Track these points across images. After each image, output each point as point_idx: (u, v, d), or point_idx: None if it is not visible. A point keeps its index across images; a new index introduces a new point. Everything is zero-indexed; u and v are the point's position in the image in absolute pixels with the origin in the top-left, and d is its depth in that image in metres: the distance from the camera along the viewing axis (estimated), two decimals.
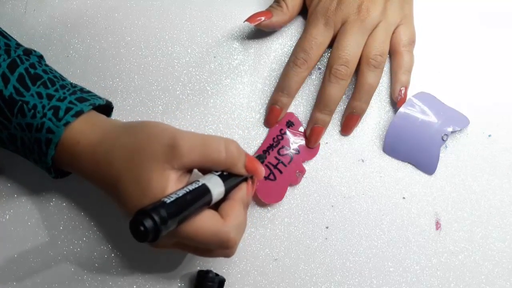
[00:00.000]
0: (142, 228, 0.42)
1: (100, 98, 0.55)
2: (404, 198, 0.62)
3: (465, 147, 0.64)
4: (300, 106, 0.64)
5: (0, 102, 0.52)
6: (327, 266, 0.60)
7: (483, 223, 0.61)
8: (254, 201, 0.61)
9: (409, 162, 0.63)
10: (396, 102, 0.64)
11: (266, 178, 0.61)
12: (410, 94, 0.64)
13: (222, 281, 0.57)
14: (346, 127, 0.63)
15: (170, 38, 0.66)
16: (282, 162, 0.61)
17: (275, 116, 0.63)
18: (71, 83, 0.55)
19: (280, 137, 0.62)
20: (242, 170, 0.52)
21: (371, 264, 0.60)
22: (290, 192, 0.62)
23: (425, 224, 0.61)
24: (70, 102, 0.53)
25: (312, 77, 0.65)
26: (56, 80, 0.54)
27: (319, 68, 0.65)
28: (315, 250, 0.60)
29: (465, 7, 0.68)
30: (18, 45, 0.55)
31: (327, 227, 0.61)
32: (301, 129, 0.63)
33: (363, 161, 0.63)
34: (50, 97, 0.53)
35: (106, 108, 0.57)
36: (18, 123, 0.52)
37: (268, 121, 0.63)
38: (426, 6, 0.67)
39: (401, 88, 0.63)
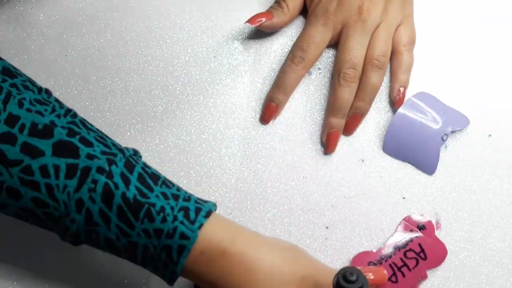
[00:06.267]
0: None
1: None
2: (404, 198, 0.62)
3: (465, 147, 0.64)
4: (300, 106, 0.64)
5: (123, 206, 0.46)
6: None
7: (483, 223, 0.62)
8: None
9: (409, 162, 0.63)
10: (394, 102, 0.64)
11: (388, 279, 0.58)
12: (410, 94, 0.64)
13: None
14: (349, 127, 0.63)
15: (170, 38, 0.65)
16: (407, 265, 0.59)
17: (270, 112, 0.63)
18: None
19: (409, 240, 0.60)
20: None
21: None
22: (290, 192, 0.62)
23: None
24: (196, 202, 0.49)
25: (312, 77, 0.65)
26: (170, 181, 0.50)
27: (319, 68, 0.65)
28: (315, 250, 0.60)
29: (465, 7, 0.68)
30: (119, 146, 0.51)
31: (327, 227, 0.61)
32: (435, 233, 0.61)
33: (363, 161, 0.63)
34: (176, 197, 0.48)
35: None
36: (143, 229, 0.46)
37: (264, 118, 0.63)
38: (426, 6, 0.67)
39: (400, 88, 0.63)
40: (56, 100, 0.51)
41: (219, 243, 0.48)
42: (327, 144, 0.62)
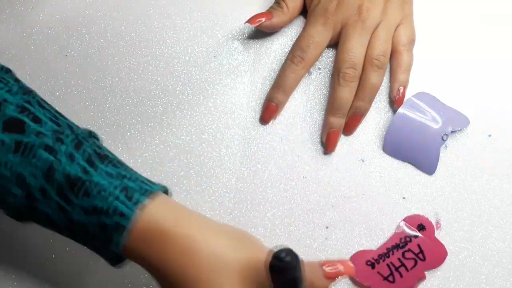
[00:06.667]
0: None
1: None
2: (404, 198, 0.62)
3: (465, 147, 0.64)
4: (300, 106, 0.64)
5: (62, 183, 0.46)
6: None
7: (483, 223, 0.62)
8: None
9: (409, 162, 0.63)
10: (394, 101, 0.64)
11: (385, 278, 0.59)
12: (410, 94, 0.64)
13: None
14: (349, 127, 0.63)
15: (170, 38, 0.65)
16: (404, 266, 0.59)
17: (270, 112, 0.63)
18: None
19: (408, 239, 0.60)
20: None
21: None
22: (290, 192, 0.62)
23: None
24: (143, 182, 0.47)
25: (312, 76, 0.65)
26: (122, 162, 0.49)
27: (319, 68, 0.65)
28: (315, 250, 0.60)
29: (465, 6, 0.68)
30: (74, 126, 0.50)
31: (327, 227, 0.61)
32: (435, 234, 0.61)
33: (363, 161, 0.63)
34: (121, 176, 0.47)
35: None
36: (82, 206, 0.46)
37: (263, 118, 0.63)
38: (426, 6, 0.67)
39: (400, 88, 0.64)
40: (16, 79, 0.51)
41: (159, 223, 0.46)
42: (327, 144, 0.62)
